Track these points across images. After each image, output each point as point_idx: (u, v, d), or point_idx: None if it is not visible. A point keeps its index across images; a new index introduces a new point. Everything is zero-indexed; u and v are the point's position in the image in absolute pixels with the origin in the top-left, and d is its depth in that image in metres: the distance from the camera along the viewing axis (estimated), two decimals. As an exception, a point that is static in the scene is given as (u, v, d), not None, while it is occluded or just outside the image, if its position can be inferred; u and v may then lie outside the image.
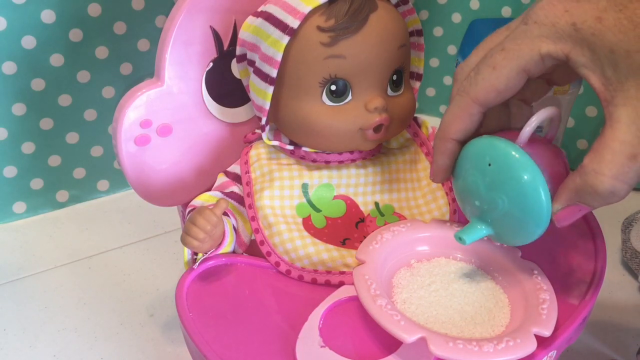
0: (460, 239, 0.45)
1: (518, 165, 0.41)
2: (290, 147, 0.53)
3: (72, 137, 0.77)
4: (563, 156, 0.43)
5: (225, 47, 0.53)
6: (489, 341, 0.41)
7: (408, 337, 0.41)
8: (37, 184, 0.78)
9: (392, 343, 0.43)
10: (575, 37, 0.37)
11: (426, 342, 0.40)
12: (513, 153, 0.41)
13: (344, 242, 0.51)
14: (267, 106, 0.50)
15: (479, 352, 0.40)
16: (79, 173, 0.79)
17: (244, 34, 0.52)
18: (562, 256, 0.50)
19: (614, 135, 0.36)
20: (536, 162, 0.41)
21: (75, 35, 0.71)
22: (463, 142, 0.44)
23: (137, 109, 0.51)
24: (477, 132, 0.44)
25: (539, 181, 0.40)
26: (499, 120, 0.44)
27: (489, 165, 0.42)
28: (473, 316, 0.45)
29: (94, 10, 0.71)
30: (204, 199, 0.53)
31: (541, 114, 0.41)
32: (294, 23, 0.48)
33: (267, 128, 0.53)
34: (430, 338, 0.40)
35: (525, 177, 0.41)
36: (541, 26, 0.38)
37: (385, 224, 0.52)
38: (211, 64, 0.53)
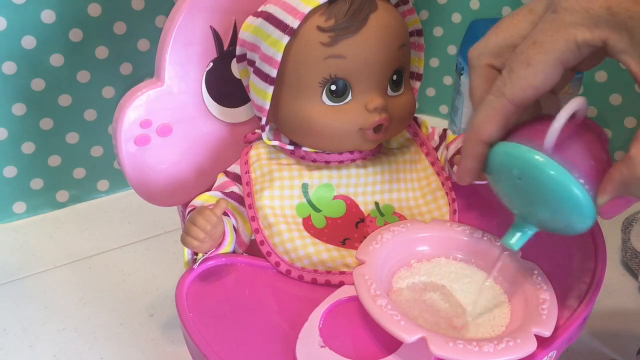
0: (509, 246, 0.43)
1: (547, 178, 0.38)
2: (290, 147, 0.53)
3: (72, 137, 0.77)
4: (603, 139, 0.41)
5: (225, 47, 0.53)
6: (489, 341, 0.41)
7: (408, 337, 0.41)
8: (37, 184, 0.77)
9: (392, 343, 0.43)
10: (611, 22, 0.35)
11: (426, 342, 0.40)
12: (539, 165, 0.39)
13: (344, 242, 0.51)
14: (267, 106, 0.50)
15: (479, 352, 0.40)
16: (79, 173, 0.79)
17: (244, 34, 0.52)
18: (562, 256, 0.50)
19: None
20: (570, 158, 0.38)
21: (75, 35, 0.71)
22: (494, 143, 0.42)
23: (137, 109, 0.51)
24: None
25: (574, 185, 0.38)
26: (529, 112, 0.42)
27: (519, 179, 0.40)
28: (473, 316, 0.45)
29: (94, 10, 0.71)
30: (204, 199, 0.53)
31: (569, 107, 0.38)
32: (294, 23, 0.48)
33: (267, 128, 0.53)
34: (430, 338, 0.40)
35: (557, 186, 0.38)
36: (573, 13, 0.36)
37: (385, 224, 0.52)
38: (211, 64, 0.53)
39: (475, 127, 0.41)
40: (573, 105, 0.38)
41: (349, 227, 0.52)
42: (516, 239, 0.43)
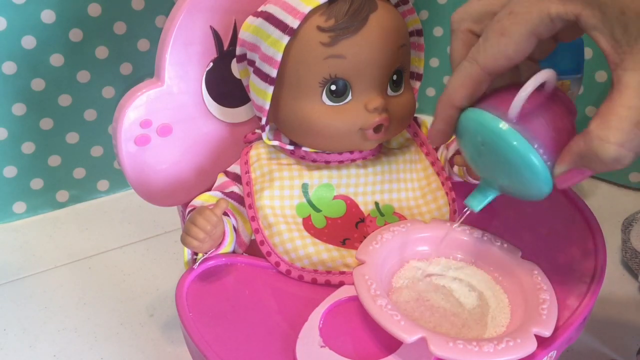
0: (471, 206, 0.44)
1: (507, 146, 0.40)
2: (290, 147, 0.53)
3: (72, 137, 0.77)
4: (572, 111, 0.41)
5: (225, 47, 0.53)
6: (489, 341, 0.41)
7: (408, 337, 0.41)
8: (37, 184, 0.77)
9: (392, 343, 0.43)
10: None
11: (426, 342, 0.40)
12: (500, 133, 0.40)
13: (344, 242, 0.51)
14: (267, 106, 0.50)
15: (479, 352, 0.40)
16: (79, 173, 0.79)
17: (244, 34, 0.52)
18: (562, 256, 0.50)
19: (622, 101, 0.35)
20: (532, 128, 0.39)
21: (75, 35, 0.71)
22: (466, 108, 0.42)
23: (137, 109, 0.51)
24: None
25: (532, 155, 0.39)
26: (507, 78, 0.43)
27: (482, 145, 0.41)
28: (473, 316, 0.45)
29: (94, 10, 0.71)
30: (204, 199, 0.53)
31: (536, 78, 0.39)
32: (294, 23, 0.48)
33: (267, 128, 0.53)
34: (430, 338, 0.40)
35: (516, 155, 0.39)
36: None
37: (385, 224, 0.52)
38: (211, 64, 0.53)
39: (448, 91, 0.42)
40: (540, 77, 0.39)
41: (349, 227, 0.52)
42: (478, 201, 0.44)
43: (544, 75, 0.39)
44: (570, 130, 0.40)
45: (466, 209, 0.45)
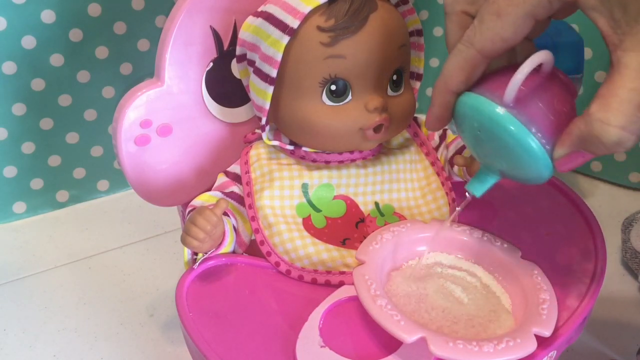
0: (472, 191, 0.44)
1: (503, 131, 0.39)
2: (290, 147, 0.53)
3: (72, 137, 0.77)
4: (571, 92, 0.41)
5: (225, 47, 0.53)
6: (489, 341, 0.41)
7: (408, 337, 0.41)
8: (37, 184, 0.78)
9: (392, 343, 0.43)
10: None
11: (426, 342, 0.40)
12: (496, 118, 0.39)
13: (344, 242, 0.51)
14: (267, 106, 0.50)
15: (479, 352, 0.40)
16: (79, 173, 0.79)
17: (244, 34, 0.52)
18: (562, 256, 0.50)
19: (622, 82, 0.34)
20: (529, 112, 0.39)
21: (75, 35, 0.71)
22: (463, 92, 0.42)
23: (137, 109, 0.51)
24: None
25: (530, 139, 0.38)
26: (504, 59, 0.42)
27: (479, 131, 0.41)
28: (473, 316, 0.45)
29: (94, 10, 0.71)
30: (204, 199, 0.53)
31: (532, 60, 0.38)
32: (294, 23, 0.48)
33: (267, 128, 0.53)
34: (430, 338, 0.40)
35: (513, 140, 0.39)
36: None
37: (385, 224, 0.52)
38: (211, 64, 0.53)
39: (444, 75, 0.41)
40: (536, 58, 0.38)
41: (349, 227, 0.52)
42: (478, 187, 0.44)
43: (540, 57, 0.38)
44: (570, 112, 0.40)
45: (467, 195, 0.45)
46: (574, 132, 0.37)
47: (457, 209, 0.47)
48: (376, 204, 0.54)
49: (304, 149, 0.53)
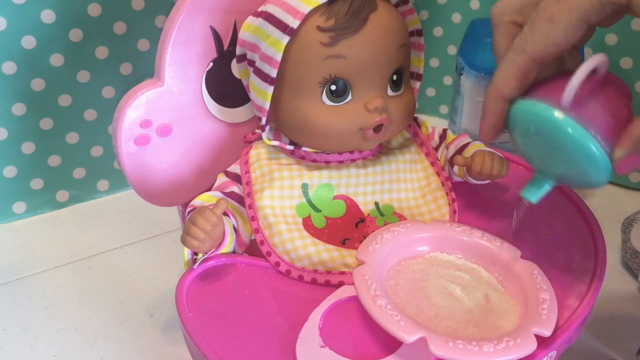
0: (527, 198, 0.44)
1: (564, 135, 0.39)
2: (290, 147, 0.53)
3: (72, 137, 0.77)
4: (626, 94, 0.41)
5: (225, 47, 0.53)
6: (489, 341, 0.41)
7: (408, 337, 0.41)
8: (37, 184, 0.77)
9: (392, 343, 0.43)
10: None
11: (426, 342, 0.40)
12: (556, 122, 0.39)
13: (344, 242, 0.51)
14: (267, 106, 0.50)
15: (479, 352, 0.40)
16: (79, 173, 0.79)
17: (244, 34, 0.52)
18: (562, 256, 0.50)
19: None
20: (587, 115, 0.39)
21: (75, 35, 0.71)
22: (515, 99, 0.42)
23: (137, 109, 0.51)
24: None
25: (590, 142, 0.38)
26: (552, 68, 0.42)
27: (536, 135, 0.40)
28: (473, 316, 0.45)
29: (94, 10, 0.71)
30: (204, 199, 0.53)
31: (588, 63, 0.39)
32: (294, 23, 0.48)
33: (267, 128, 0.53)
34: (430, 338, 0.40)
35: (573, 143, 0.39)
36: None
37: (385, 224, 0.52)
38: (211, 64, 0.53)
39: (496, 84, 0.41)
40: (592, 62, 0.38)
41: (349, 227, 0.52)
42: (533, 193, 0.44)
43: (596, 60, 0.39)
44: (627, 114, 0.40)
45: (523, 201, 0.45)
46: (633, 133, 0.37)
47: (513, 217, 0.47)
48: (376, 204, 0.54)
49: (304, 149, 0.53)
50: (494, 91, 0.42)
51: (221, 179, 0.55)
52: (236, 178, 0.55)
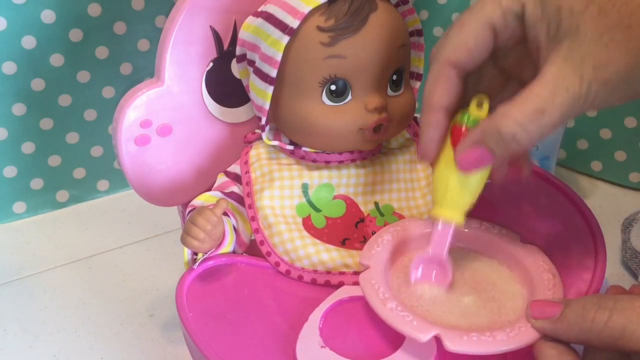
0: None
1: None
2: (290, 147, 0.53)
3: (72, 137, 0.77)
4: None
5: (225, 47, 0.53)
6: (501, 330, 0.41)
7: (423, 336, 0.41)
8: (37, 184, 0.77)
9: (392, 343, 0.43)
10: None
11: (441, 339, 0.40)
12: None
13: (343, 242, 0.51)
14: (267, 106, 0.50)
15: (493, 342, 0.40)
16: (79, 173, 0.79)
17: (244, 34, 0.52)
18: (562, 256, 0.50)
19: (532, 88, 0.38)
20: None
21: (75, 35, 0.71)
22: (450, 112, 0.43)
23: (137, 109, 0.51)
24: (464, 99, 0.43)
25: None
26: (482, 81, 0.45)
27: None
28: (483, 303, 0.45)
29: (94, 10, 0.71)
30: (204, 199, 0.53)
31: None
32: (294, 23, 0.48)
33: (267, 128, 0.53)
34: (444, 334, 0.40)
35: None
36: None
37: (384, 224, 0.52)
38: (211, 64, 0.53)
39: (426, 96, 0.43)
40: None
41: (349, 227, 0.52)
42: None
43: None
44: None
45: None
46: (479, 126, 0.40)
47: None
48: (376, 204, 0.54)
49: (304, 149, 0.53)
50: (424, 105, 0.43)
51: (221, 179, 0.55)
52: (236, 178, 0.55)
